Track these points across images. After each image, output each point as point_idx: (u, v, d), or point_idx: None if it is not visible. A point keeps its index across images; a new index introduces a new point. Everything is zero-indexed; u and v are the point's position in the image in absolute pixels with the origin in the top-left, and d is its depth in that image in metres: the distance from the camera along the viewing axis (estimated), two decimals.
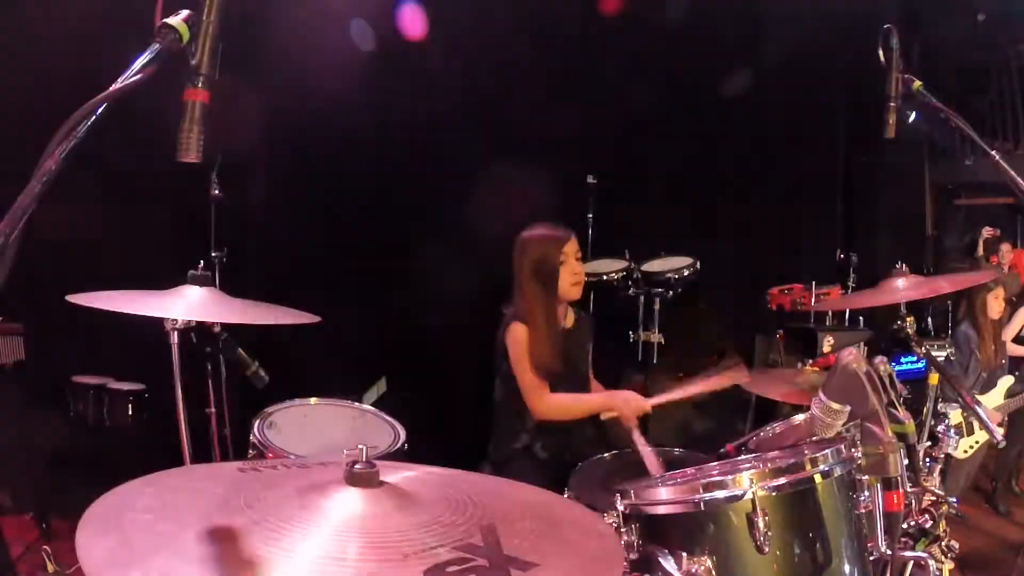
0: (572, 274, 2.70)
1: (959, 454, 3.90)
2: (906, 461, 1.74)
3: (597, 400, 2.73)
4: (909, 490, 1.78)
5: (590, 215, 4.72)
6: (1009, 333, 4.69)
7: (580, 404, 2.69)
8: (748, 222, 5.43)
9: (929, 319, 6.37)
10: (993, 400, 4.11)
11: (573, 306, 2.86)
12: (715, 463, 1.99)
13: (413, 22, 4.46)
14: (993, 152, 1.63)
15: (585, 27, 5.00)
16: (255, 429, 2.44)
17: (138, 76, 0.99)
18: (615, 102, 5.05)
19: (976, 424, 3.88)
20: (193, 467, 2.13)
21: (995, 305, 4.28)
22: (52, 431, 3.57)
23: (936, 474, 2.24)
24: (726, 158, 5.48)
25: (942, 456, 2.31)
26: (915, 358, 3.91)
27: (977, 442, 3.96)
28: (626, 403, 2.59)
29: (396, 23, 4.43)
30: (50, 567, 2.54)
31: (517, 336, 2.63)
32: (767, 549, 1.50)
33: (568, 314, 2.83)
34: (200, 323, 2.21)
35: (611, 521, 1.65)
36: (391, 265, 4.59)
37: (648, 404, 2.60)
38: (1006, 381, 4.16)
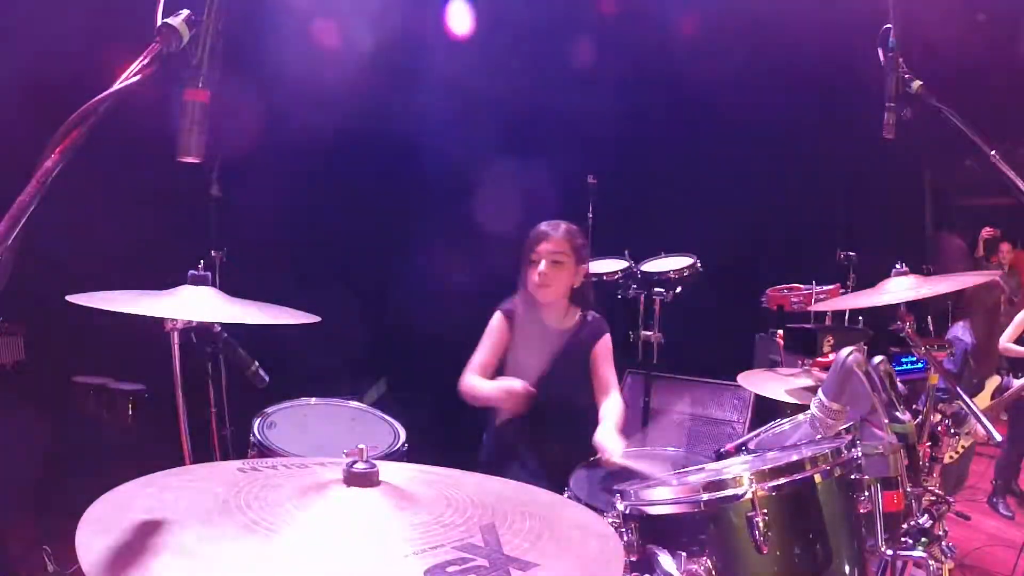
0: (536, 274, 2.67)
1: (946, 458, 3.91)
2: (906, 461, 1.74)
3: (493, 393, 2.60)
4: (909, 490, 1.78)
5: (590, 215, 4.72)
6: (1010, 335, 4.69)
7: (485, 391, 2.62)
8: (748, 222, 5.43)
9: (929, 319, 6.37)
10: (981, 401, 4.13)
11: (582, 307, 2.81)
12: (715, 463, 1.99)
13: (414, 20, 4.46)
14: (993, 152, 1.63)
15: (585, 27, 5.00)
16: (255, 429, 2.45)
17: (138, 76, 0.99)
18: (615, 102, 5.05)
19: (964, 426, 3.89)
20: (193, 467, 2.13)
21: (1002, 308, 4.35)
22: (52, 431, 3.57)
23: (936, 474, 2.24)
24: (726, 158, 5.48)
25: (942, 456, 2.31)
26: (915, 358, 3.91)
27: (964, 446, 3.97)
28: (509, 397, 2.52)
29: (396, 21, 4.42)
30: (50, 567, 2.54)
31: (493, 318, 2.78)
32: (767, 549, 1.50)
33: (568, 315, 2.79)
34: (200, 323, 2.21)
35: (611, 521, 1.65)
36: (391, 265, 4.59)
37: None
38: (993, 381, 4.17)
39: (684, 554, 1.55)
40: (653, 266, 4.46)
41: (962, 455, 3.99)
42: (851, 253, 4.96)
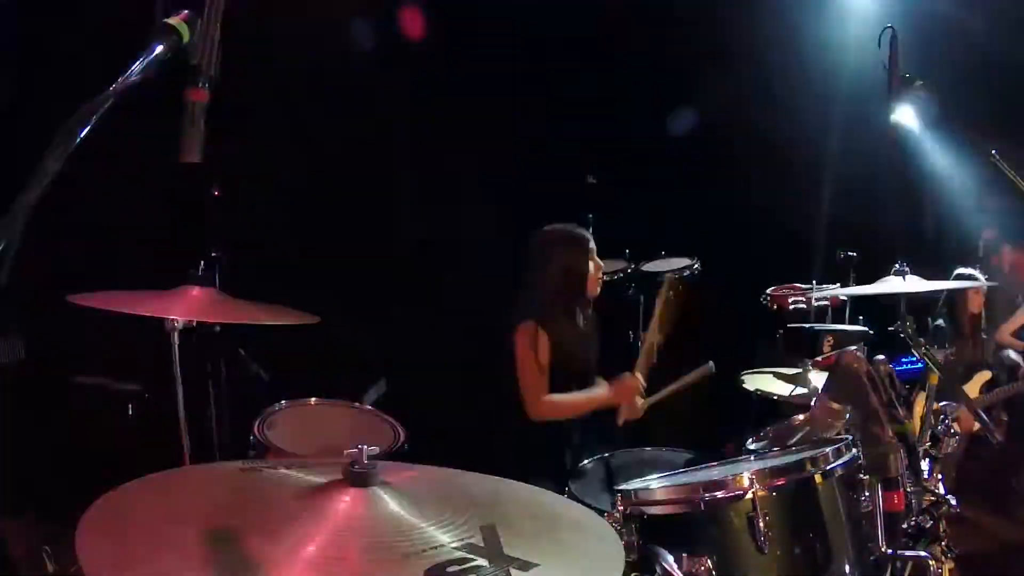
0: (597, 270, 2.77)
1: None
2: (906, 461, 1.74)
3: (597, 397, 2.70)
4: (909, 490, 1.78)
5: (590, 215, 4.72)
6: (1009, 328, 4.69)
7: (579, 402, 2.67)
8: (748, 222, 5.43)
9: (929, 319, 6.34)
10: (968, 392, 4.11)
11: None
12: (715, 463, 1.99)
13: (413, 22, 4.47)
14: (992, 152, 1.63)
15: (585, 27, 5.00)
16: (255, 429, 2.44)
17: (138, 76, 0.99)
18: (615, 102, 5.05)
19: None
20: (193, 467, 2.13)
21: (975, 299, 4.33)
22: (52, 431, 3.57)
23: (937, 474, 2.24)
24: (726, 157, 5.47)
25: (942, 456, 2.31)
26: (915, 358, 3.90)
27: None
28: (626, 394, 2.67)
29: (397, 24, 4.43)
30: (50, 567, 2.54)
31: (526, 334, 2.58)
32: (767, 549, 1.50)
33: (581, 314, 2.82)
34: (200, 323, 2.21)
35: (611, 521, 1.65)
36: (391, 265, 4.58)
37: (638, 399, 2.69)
38: (982, 376, 4.15)
39: (684, 554, 1.55)
40: (653, 266, 4.46)
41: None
42: (851, 253, 4.96)
